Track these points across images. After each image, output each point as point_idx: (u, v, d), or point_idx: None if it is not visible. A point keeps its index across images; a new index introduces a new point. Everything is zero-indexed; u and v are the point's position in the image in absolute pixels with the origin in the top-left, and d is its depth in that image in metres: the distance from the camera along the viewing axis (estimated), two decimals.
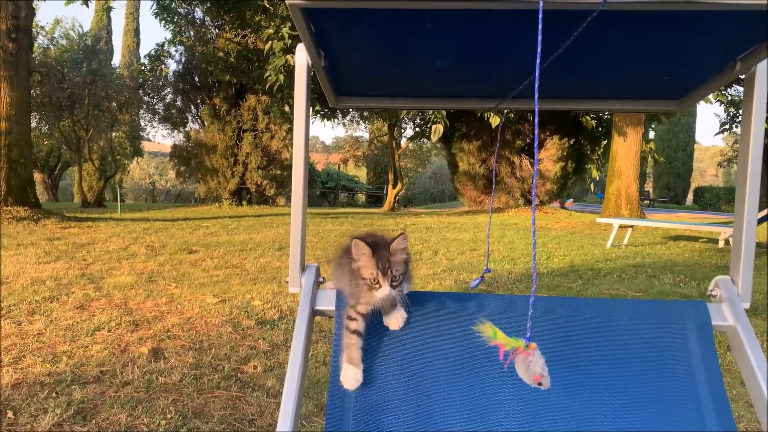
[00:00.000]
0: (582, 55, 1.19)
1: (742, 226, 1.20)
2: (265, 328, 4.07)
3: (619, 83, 1.37)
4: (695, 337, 1.17)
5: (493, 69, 1.25)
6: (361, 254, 1.13)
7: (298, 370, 1.12)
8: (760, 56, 1.13)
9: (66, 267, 6.25)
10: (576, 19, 0.97)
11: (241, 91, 19.67)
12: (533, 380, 0.94)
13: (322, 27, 1.06)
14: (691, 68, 1.24)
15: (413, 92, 1.47)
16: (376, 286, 1.11)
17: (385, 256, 1.12)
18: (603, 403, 1.12)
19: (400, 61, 1.23)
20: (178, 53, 20.60)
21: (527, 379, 0.95)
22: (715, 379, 1.14)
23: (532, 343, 0.95)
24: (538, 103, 1.47)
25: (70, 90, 20.23)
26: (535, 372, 0.94)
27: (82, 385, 3.01)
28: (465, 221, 13.61)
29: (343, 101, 1.49)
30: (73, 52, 22.24)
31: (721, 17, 1.00)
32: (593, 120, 17.58)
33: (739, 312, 1.18)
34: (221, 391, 3.00)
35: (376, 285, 1.11)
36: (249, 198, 20.38)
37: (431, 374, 1.18)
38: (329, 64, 1.24)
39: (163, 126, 24.86)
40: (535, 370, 0.94)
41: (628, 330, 1.20)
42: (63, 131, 22.50)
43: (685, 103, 1.43)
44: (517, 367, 0.96)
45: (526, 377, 0.95)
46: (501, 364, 1.02)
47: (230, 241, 8.88)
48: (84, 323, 4.10)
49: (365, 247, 1.12)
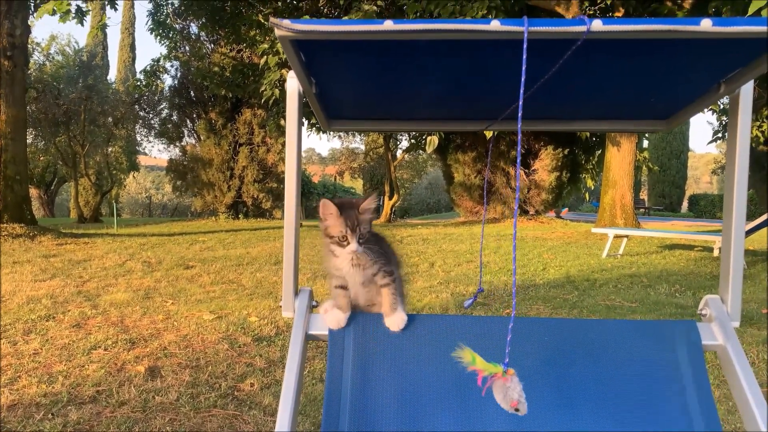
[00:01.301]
0: (569, 80, 1.21)
1: (729, 246, 1.22)
2: (262, 345, 4.06)
3: (607, 105, 1.39)
4: (686, 357, 1.18)
5: (482, 94, 1.26)
6: (328, 213, 1.19)
7: (293, 394, 1.13)
8: (744, 79, 1.15)
9: (62, 284, 6.24)
10: (561, 46, 0.99)
11: (237, 105, 19.73)
12: (510, 406, 0.95)
13: (311, 56, 1.08)
14: (676, 91, 1.26)
15: (404, 116, 1.49)
16: (344, 243, 1.17)
17: (353, 214, 1.17)
18: (594, 424, 1.13)
19: (389, 89, 1.25)
20: (174, 68, 20.69)
21: (504, 404, 0.96)
22: (706, 399, 1.15)
23: (510, 369, 0.96)
24: (529, 124, 1.50)
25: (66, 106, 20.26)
26: (512, 398, 0.95)
27: (78, 406, 3.00)
28: (461, 232, 13.63)
29: (335, 125, 1.51)
30: (68, 68, 22.29)
31: (703, 43, 1.02)
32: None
33: (729, 331, 1.19)
34: (218, 409, 2.99)
35: (344, 242, 1.17)
36: (246, 211, 20.39)
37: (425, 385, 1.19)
38: (320, 90, 1.25)
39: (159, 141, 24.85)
40: (512, 396, 0.95)
41: (620, 351, 1.21)
42: (59, 147, 22.52)
43: (672, 122, 1.45)
44: (495, 392, 0.97)
45: (503, 403, 0.96)
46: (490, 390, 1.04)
47: (227, 256, 8.88)
48: (80, 342, 4.09)
49: (332, 206, 1.18)
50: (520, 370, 1.19)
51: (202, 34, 18.99)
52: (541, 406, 1.15)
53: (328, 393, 1.17)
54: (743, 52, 1.07)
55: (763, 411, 1.09)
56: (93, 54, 24.47)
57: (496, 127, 1.50)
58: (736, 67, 1.13)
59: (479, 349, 1.20)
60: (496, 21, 0.93)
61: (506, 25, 0.91)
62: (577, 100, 1.35)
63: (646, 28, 0.92)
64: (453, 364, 1.20)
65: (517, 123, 1.50)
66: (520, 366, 1.19)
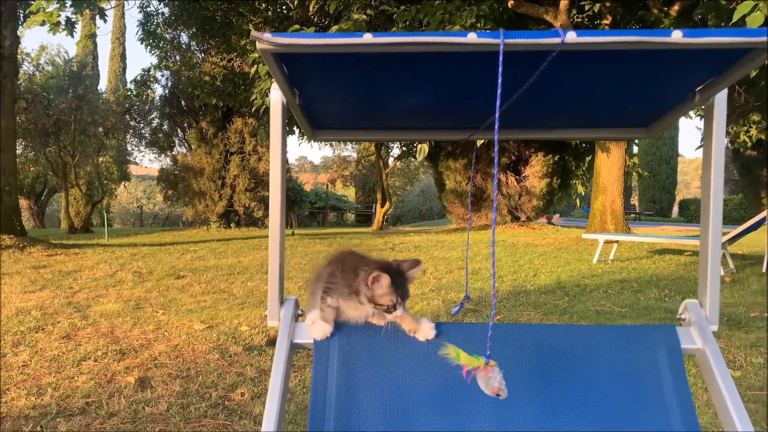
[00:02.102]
0: (549, 89, 1.23)
1: (707, 251, 1.24)
2: (253, 354, 4.06)
3: (588, 114, 1.41)
4: (666, 362, 1.20)
5: (464, 104, 1.28)
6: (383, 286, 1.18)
7: (277, 403, 1.14)
8: (717, 88, 1.18)
9: (52, 296, 6.20)
10: (538, 57, 1.01)
11: (228, 114, 19.73)
12: (492, 392, 1.06)
13: (294, 68, 1.10)
14: (653, 100, 1.29)
15: (388, 126, 1.51)
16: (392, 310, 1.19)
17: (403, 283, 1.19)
18: (575, 428, 1.15)
19: (372, 100, 1.27)
20: (164, 78, 20.67)
21: (487, 391, 1.07)
22: (685, 402, 1.16)
23: (491, 360, 1.07)
24: (510, 133, 1.52)
25: (56, 116, 20.18)
26: (493, 386, 1.06)
27: (67, 418, 2.99)
28: (453, 239, 13.65)
29: (321, 135, 1.53)
30: (58, 78, 22.22)
31: (676, 54, 1.05)
32: None
33: (707, 335, 1.21)
34: (208, 419, 2.98)
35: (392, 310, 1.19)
36: (237, 220, 20.35)
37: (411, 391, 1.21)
38: (304, 101, 1.27)
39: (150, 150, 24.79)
40: (493, 384, 1.06)
41: (601, 355, 1.23)
42: (49, 157, 22.40)
43: (652, 130, 1.48)
44: (479, 382, 1.08)
45: (486, 390, 1.07)
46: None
47: (218, 265, 8.86)
48: (70, 353, 4.07)
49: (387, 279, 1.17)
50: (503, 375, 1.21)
51: (193, 43, 19.01)
52: (523, 410, 1.17)
53: (314, 399, 1.18)
54: (715, 62, 1.10)
55: (741, 413, 1.11)
56: (83, 64, 24.41)
57: (480, 135, 1.52)
58: (709, 77, 1.16)
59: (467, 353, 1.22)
60: (473, 34, 0.95)
61: (482, 37, 0.94)
62: (558, 109, 1.37)
63: (619, 40, 0.95)
64: (439, 371, 1.22)
65: (504, 131, 1.53)
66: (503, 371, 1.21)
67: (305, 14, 13.88)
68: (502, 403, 1.17)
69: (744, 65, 1.05)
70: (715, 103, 1.22)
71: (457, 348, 1.09)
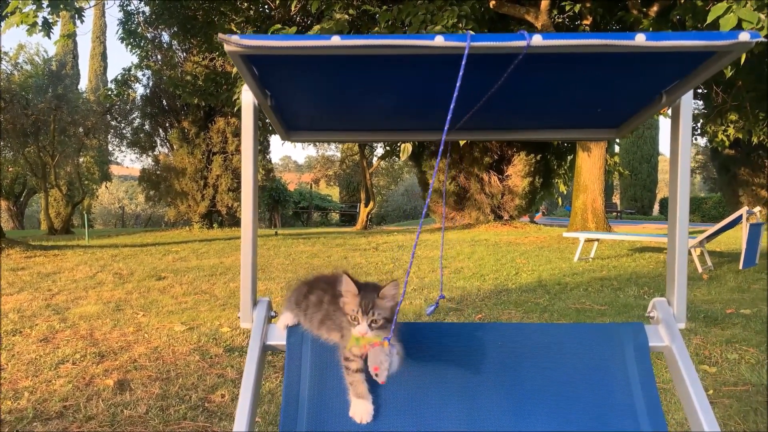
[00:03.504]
0: (519, 91, 1.25)
1: (674, 250, 1.26)
2: (234, 356, 4.04)
3: (558, 115, 1.43)
4: (633, 359, 1.22)
5: (434, 105, 1.29)
6: (347, 290, 1.15)
7: (248, 408, 1.14)
8: (683, 90, 1.20)
9: (30, 298, 6.12)
10: (506, 60, 1.02)
11: (210, 114, 19.60)
12: (373, 369, 1.07)
13: (265, 70, 1.10)
14: (620, 102, 1.31)
15: (361, 127, 1.51)
16: (355, 322, 1.13)
17: (371, 297, 1.13)
18: (545, 424, 1.16)
19: (344, 101, 1.28)
20: (146, 77, 20.48)
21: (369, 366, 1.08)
22: (652, 399, 1.18)
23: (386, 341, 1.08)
24: (482, 134, 1.53)
25: (35, 116, 19.88)
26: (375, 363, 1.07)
27: (44, 422, 2.95)
28: (436, 238, 13.69)
29: (294, 136, 1.53)
30: (37, 77, 21.89)
31: (643, 57, 1.07)
32: None
33: (675, 333, 1.23)
34: (188, 422, 2.96)
35: (355, 322, 1.13)
36: (220, 221, 20.22)
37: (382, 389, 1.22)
38: (276, 103, 1.27)
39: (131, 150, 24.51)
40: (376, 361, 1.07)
41: (571, 353, 1.24)
42: (28, 158, 22.06)
43: (622, 131, 1.50)
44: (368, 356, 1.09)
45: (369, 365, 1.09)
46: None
47: (200, 266, 8.80)
48: (48, 356, 4.02)
49: (352, 286, 1.14)
50: (473, 374, 1.22)
51: (174, 42, 18.85)
52: (490, 408, 1.18)
53: (286, 399, 1.18)
54: (681, 64, 1.12)
55: (706, 409, 1.13)
56: (62, 63, 24.08)
57: (452, 137, 1.53)
58: (675, 79, 1.18)
59: (438, 353, 1.24)
60: (440, 37, 0.96)
61: (449, 40, 0.94)
62: (529, 111, 1.39)
63: (584, 43, 0.96)
64: (410, 370, 1.23)
65: (471, 133, 1.54)
66: (473, 370, 1.22)
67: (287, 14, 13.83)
68: (471, 402, 1.18)
69: (708, 67, 1.08)
70: (682, 104, 1.24)
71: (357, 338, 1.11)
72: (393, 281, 1.14)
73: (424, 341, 1.25)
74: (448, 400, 1.19)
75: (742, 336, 4.34)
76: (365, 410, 1.17)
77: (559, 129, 1.52)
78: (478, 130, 1.50)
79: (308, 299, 1.25)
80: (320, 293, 1.25)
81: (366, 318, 1.11)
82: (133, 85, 18.65)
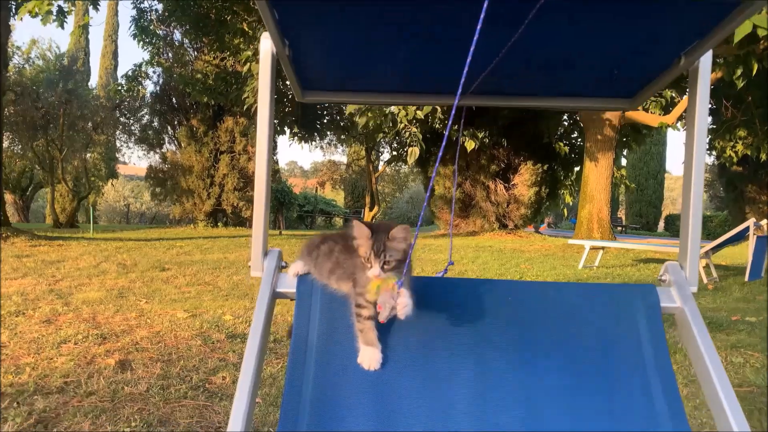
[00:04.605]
0: (533, 51, 1.24)
1: (688, 214, 1.26)
2: (236, 342, 4.03)
3: (573, 80, 1.42)
4: (644, 319, 1.21)
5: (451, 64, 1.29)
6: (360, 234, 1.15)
7: (256, 354, 1.13)
8: (702, 50, 1.19)
9: (34, 283, 6.13)
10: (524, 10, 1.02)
11: (219, 112, 19.68)
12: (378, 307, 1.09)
13: (285, 14, 1.10)
14: (638, 64, 1.30)
15: (377, 87, 1.51)
16: (368, 265, 1.13)
17: (382, 239, 1.13)
18: (553, 384, 1.15)
19: (363, 52, 1.27)
20: (156, 74, 20.59)
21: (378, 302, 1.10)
22: (663, 359, 1.17)
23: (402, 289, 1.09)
24: (495, 99, 1.53)
25: (45, 109, 20.02)
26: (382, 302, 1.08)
27: (45, 395, 2.95)
28: (441, 243, 13.68)
29: (310, 95, 1.53)
30: (49, 72, 22.05)
31: (664, 13, 1.07)
32: (566, 146, 17.92)
33: (687, 295, 1.22)
34: (188, 400, 2.95)
35: (368, 264, 1.13)
36: (225, 220, 20.25)
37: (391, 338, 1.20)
38: (294, 54, 1.27)
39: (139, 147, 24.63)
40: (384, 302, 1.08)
41: (579, 312, 1.23)
42: (36, 151, 22.18)
43: (636, 101, 1.50)
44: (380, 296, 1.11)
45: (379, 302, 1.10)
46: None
47: (203, 260, 8.81)
48: (50, 336, 4.02)
49: (365, 229, 1.14)
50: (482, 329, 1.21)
51: (186, 40, 18.96)
52: (500, 363, 1.17)
53: (294, 344, 1.18)
54: (700, 23, 1.11)
55: (719, 370, 1.12)
56: (74, 59, 24.26)
57: (467, 101, 1.53)
58: (694, 39, 1.18)
59: (448, 307, 1.23)
60: None
61: None
62: (542, 73, 1.38)
63: None
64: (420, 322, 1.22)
65: (486, 98, 1.54)
66: (482, 325, 1.22)
67: None
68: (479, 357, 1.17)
69: (730, 22, 1.07)
70: (700, 67, 1.23)
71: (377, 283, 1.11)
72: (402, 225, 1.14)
73: (434, 295, 1.25)
74: (457, 354, 1.18)
75: (747, 342, 4.31)
76: (374, 357, 1.16)
77: (571, 97, 1.52)
78: (491, 95, 1.49)
79: (319, 249, 1.25)
80: (332, 243, 1.25)
81: (378, 260, 1.11)
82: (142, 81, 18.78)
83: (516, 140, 17.41)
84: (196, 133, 19.66)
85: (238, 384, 1.07)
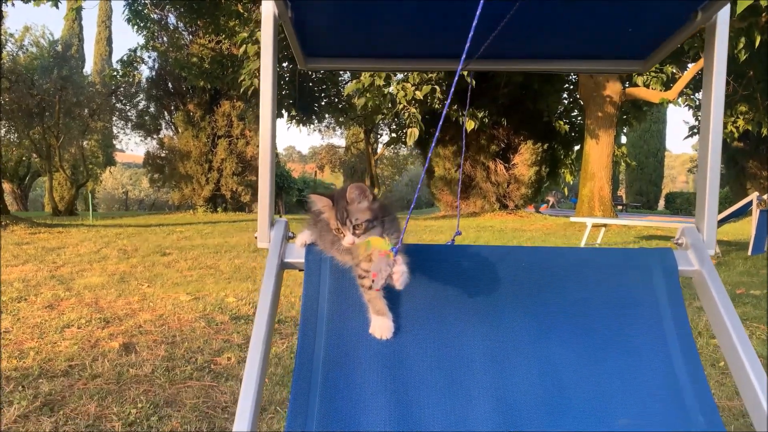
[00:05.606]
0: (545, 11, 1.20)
1: (705, 176, 1.22)
2: (240, 323, 4.02)
3: (585, 41, 1.38)
4: (662, 282, 1.18)
5: (459, 23, 1.24)
6: (323, 207, 1.12)
7: (266, 324, 1.10)
8: (719, 4, 1.15)
9: (35, 269, 6.11)
10: None
11: (216, 97, 19.55)
12: (372, 274, 1.03)
13: None
14: (654, 21, 1.26)
15: (381, 52, 1.47)
16: (340, 235, 1.10)
17: (343, 205, 1.10)
18: (572, 348, 1.12)
19: (367, 14, 1.23)
20: (151, 59, 20.42)
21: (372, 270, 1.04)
22: (681, 321, 1.14)
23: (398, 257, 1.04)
24: (505, 63, 1.48)
25: (40, 96, 19.85)
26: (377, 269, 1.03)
27: (50, 379, 2.94)
28: (441, 224, 13.66)
29: (312, 62, 1.48)
30: (42, 59, 21.84)
31: None
32: (566, 125, 17.81)
33: (704, 257, 1.19)
34: (194, 381, 2.94)
35: (341, 234, 1.10)
36: (224, 205, 20.20)
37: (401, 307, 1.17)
38: (297, 16, 1.23)
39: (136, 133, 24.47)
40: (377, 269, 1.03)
41: (596, 276, 1.20)
42: (33, 139, 22.05)
43: (649, 62, 1.45)
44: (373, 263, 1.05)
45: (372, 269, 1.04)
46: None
47: (204, 245, 8.78)
48: (53, 321, 4.01)
49: (325, 199, 1.11)
50: (495, 294, 1.18)
51: (181, 24, 18.76)
52: (515, 328, 1.14)
53: (304, 314, 1.15)
54: None
55: (740, 332, 1.09)
56: (68, 45, 24.03)
57: (473, 66, 1.49)
58: None
59: (460, 272, 1.20)
60: None
61: None
62: (554, 35, 1.34)
63: None
64: (431, 289, 1.19)
65: (492, 62, 1.49)
66: (496, 290, 1.19)
67: None
68: (494, 322, 1.14)
69: None
70: (718, 21, 1.19)
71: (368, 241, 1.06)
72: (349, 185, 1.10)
73: (445, 261, 1.21)
74: (469, 320, 1.15)
75: (753, 314, 4.29)
76: (386, 326, 1.13)
77: (583, 59, 1.47)
78: (500, 59, 1.45)
79: (321, 219, 1.21)
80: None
81: (347, 227, 1.08)
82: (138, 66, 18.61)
83: (516, 119, 17.30)
84: (193, 117, 19.55)
85: (246, 361, 1.04)
